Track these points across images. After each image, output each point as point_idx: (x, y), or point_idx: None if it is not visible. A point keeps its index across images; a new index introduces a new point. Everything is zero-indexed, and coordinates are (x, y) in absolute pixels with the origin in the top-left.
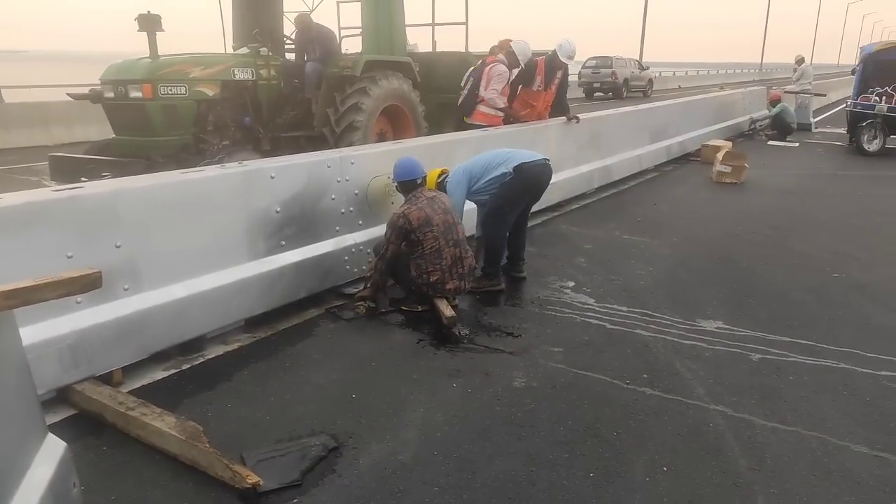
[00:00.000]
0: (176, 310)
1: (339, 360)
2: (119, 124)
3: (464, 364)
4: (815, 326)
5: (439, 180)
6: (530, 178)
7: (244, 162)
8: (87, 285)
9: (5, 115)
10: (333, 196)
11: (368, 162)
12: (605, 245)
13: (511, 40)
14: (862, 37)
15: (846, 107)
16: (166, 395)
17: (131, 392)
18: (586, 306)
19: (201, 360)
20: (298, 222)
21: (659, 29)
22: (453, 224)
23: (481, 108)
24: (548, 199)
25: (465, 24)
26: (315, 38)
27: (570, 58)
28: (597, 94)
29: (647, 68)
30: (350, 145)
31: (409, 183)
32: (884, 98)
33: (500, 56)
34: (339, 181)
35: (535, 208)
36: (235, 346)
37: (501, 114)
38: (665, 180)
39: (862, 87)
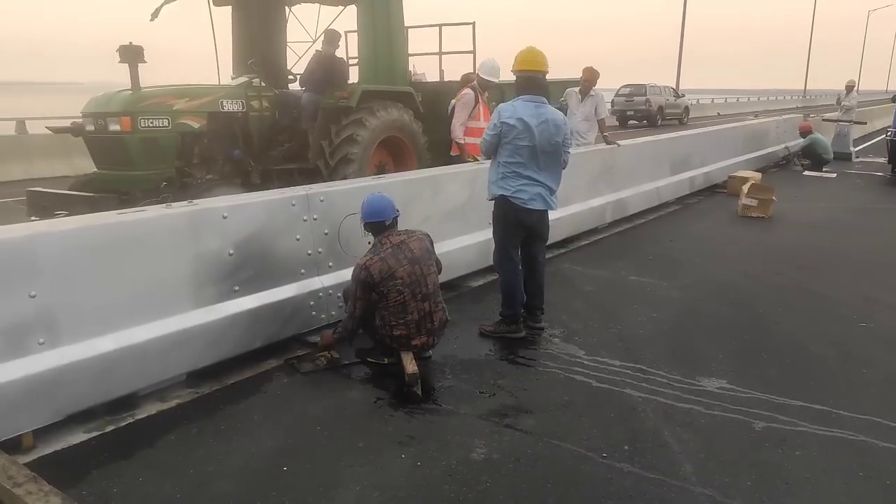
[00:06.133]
0: (102, 365)
1: (282, 423)
2: (100, 158)
3: (420, 429)
4: (834, 388)
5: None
6: (511, 216)
7: (194, 201)
8: None
9: (28, 146)
10: (298, 236)
11: (341, 199)
12: (608, 287)
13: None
14: None
15: (887, 136)
16: (76, 464)
17: (41, 458)
18: (574, 360)
19: (129, 420)
20: (255, 265)
21: (699, 57)
22: (423, 276)
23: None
24: (553, 234)
25: (473, 52)
26: (318, 67)
27: (495, 74)
28: (631, 121)
29: (683, 95)
30: (345, 178)
31: (376, 224)
32: None
33: (475, 82)
34: (305, 220)
35: None
36: (173, 403)
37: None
38: (686, 214)
39: None
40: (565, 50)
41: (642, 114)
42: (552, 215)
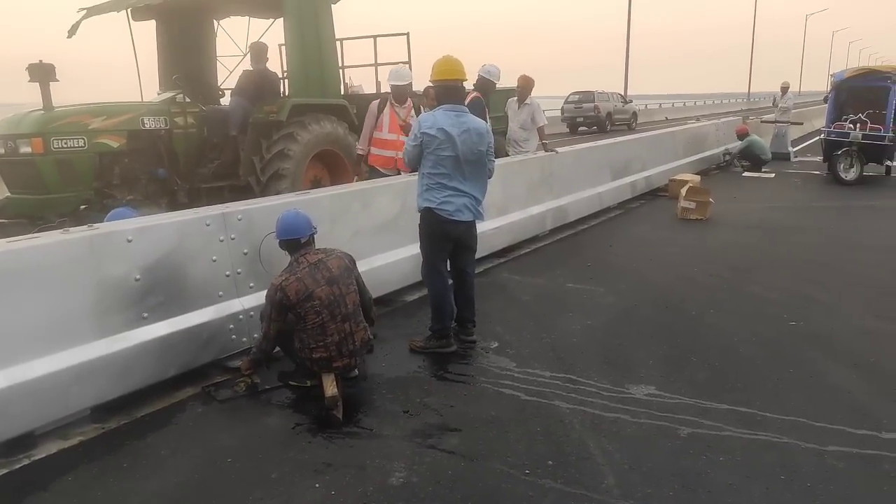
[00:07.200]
0: None
1: (190, 457)
2: (12, 182)
3: (338, 455)
4: (760, 389)
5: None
6: (437, 228)
7: (95, 225)
8: None
9: None
10: (215, 257)
11: (260, 216)
12: (545, 296)
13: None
14: (849, 64)
15: (821, 135)
16: None
17: None
18: (504, 372)
19: (25, 462)
20: (166, 290)
21: (646, 63)
22: (341, 295)
23: None
24: (493, 244)
25: (409, 62)
26: (249, 83)
27: (402, 78)
28: (581, 128)
29: (631, 101)
30: (277, 194)
31: (291, 242)
32: (858, 125)
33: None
34: (221, 240)
35: (479, 254)
36: (76, 440)
37: (392, 154)
38: (627, 219)
39: (836, 115)
40: (513, 56)
41: (592, 120)
42: (491, 224)
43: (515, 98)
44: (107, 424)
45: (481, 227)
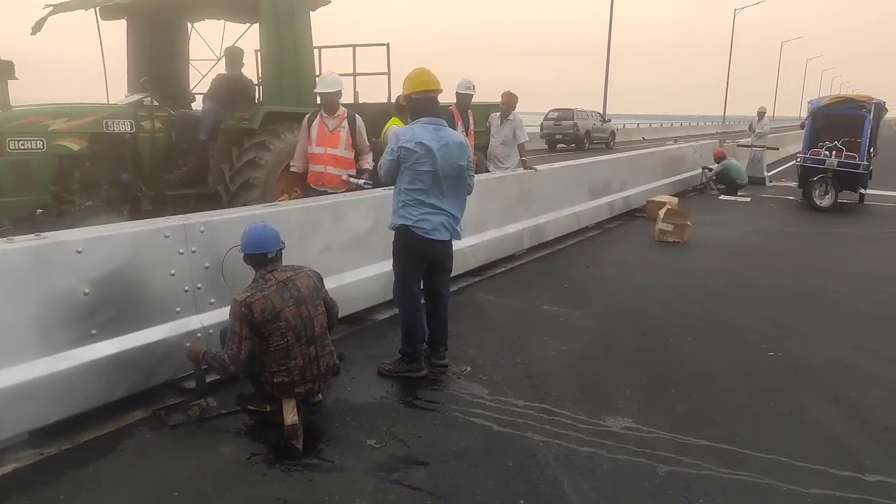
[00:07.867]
0: None
1: (135, 489)
2: None
3: (295, 490)
4: (740, 424)
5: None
6: (412, 247)
7: (42, 234)
8: None
9: None
10: (173, 271)
11: (224, 229)
12: (520, 317)
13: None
14: (821, 92)
15: (797, 161)
16: None
17: None
18: (476, 400)
19: None
20: (118, 305)
21: (625, 85)
22: (309, 317)
23: None
24: (468, 262)
25: (388, 73)
26: (223, 88)
27: (331, 86)
28: (559, 145)
29: (609, 120)
30: (246, 205)
31: (257, 257)
32: (834, 152)
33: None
34: (181, 253)
35: (453, 272)
36: (10, 468)
37: (321, 169)
38: (605, 239)
39: (812, 141)
40: (493, 75)
41: (570, 138)
42: (467, 242)
43: (498, 114)
44: (46, 450)
45: (457, 244)
